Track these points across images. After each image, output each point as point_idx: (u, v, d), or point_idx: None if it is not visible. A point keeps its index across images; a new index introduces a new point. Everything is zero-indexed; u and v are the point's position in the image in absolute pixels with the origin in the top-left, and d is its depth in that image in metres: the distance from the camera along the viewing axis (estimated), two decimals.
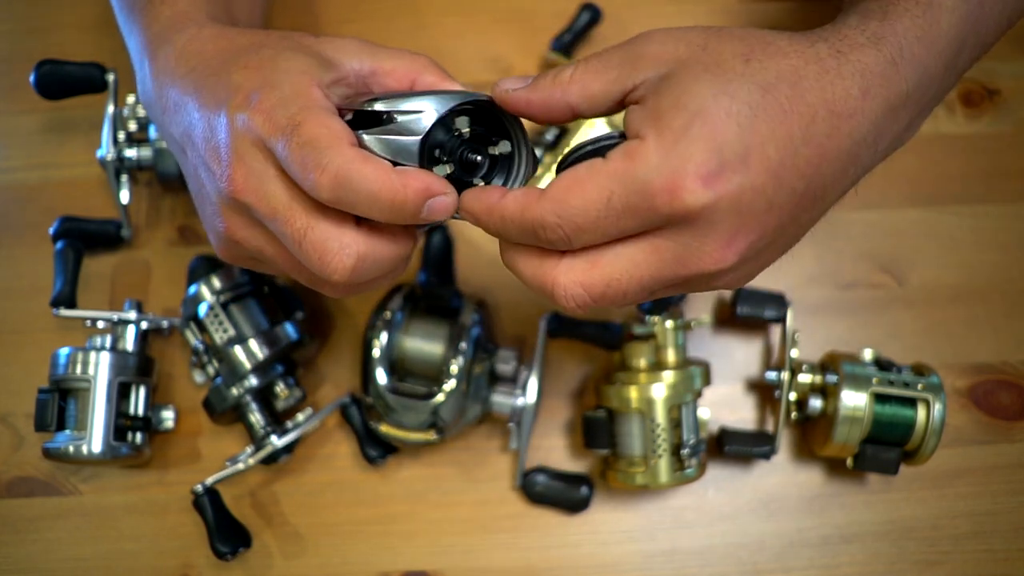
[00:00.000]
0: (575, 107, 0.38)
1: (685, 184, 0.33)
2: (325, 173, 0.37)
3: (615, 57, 0.38)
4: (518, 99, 0.39)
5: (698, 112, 0.34)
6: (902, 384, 0.57)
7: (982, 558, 0.61)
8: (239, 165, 0.39)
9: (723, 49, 0.36)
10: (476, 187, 0.41)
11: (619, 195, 0.34)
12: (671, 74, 0.36)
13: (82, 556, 0.62)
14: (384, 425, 0.59)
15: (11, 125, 0.70)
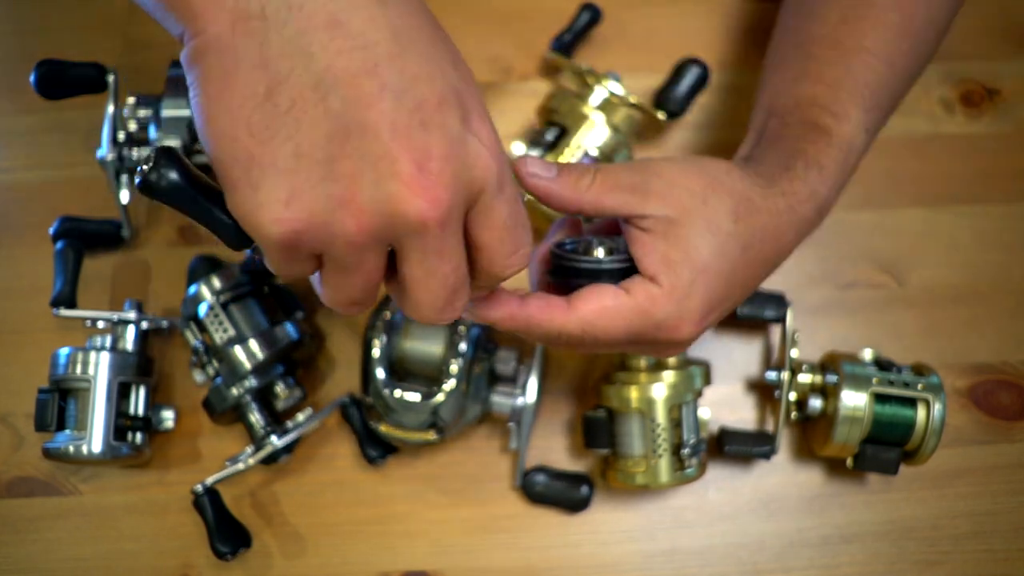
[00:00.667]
0: (584, 210, 0.45)
1: (685, 326, 0.44)
2: (526, 257, 0.38)
3: (626, 181, 0.44)
4: (539, 187, 0.44)
5: (702, 271, 0.43)
6: (902, 384, 0.57)
7: (982, 558, 0.61)
8: (452, 193, 0.32)
9: (719, 207, 0.44)
10: (485, 296, 0.43)
11: (637, 327, 0.43)
12: (679, 222, 0.44)
13: (82, 556, 0.62)
14: (384, 425, 0.59)
15: (11, 125, 0.70)
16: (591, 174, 0.44)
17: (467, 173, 0.33)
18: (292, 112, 0.31)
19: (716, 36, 0.70)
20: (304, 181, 0.31)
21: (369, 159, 0.31)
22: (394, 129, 0.31)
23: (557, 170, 0.44)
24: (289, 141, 0.31)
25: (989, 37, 0.70)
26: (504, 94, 0.69)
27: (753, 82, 0.69)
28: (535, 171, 0.44)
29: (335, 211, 0.32)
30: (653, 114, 0.64)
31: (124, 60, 0.67)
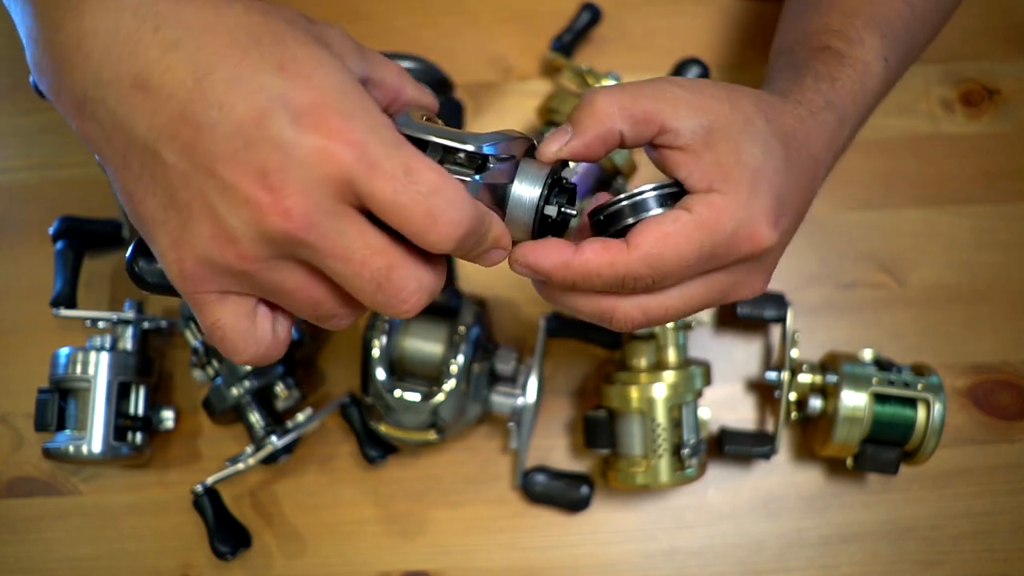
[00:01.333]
0: (623, 132, 0.40)
1: (761, 230, 0.40)
2: (459, 227, 0.34)
3: (644, 90, 0.40)
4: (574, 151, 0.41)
5: (758, 171, 0.40)
6: (902, 384, 0.57)
7: (982, 558, 0.61)
8: (303, 198, 0.32)
9: (747, 107, 0.41)
10: (533, 243, 0.40)
11: (708, 245, 0.39)
12: (717, 129, 0.40)
13: (82, 556, 0.62)
14: (384, 425, 0.59)
15: (11, 125, 0.70)
16: (598, 94, 0.40)
17: (312, 173, 0.32)
18: (144, 174, 0.34)
19: (716, 36, 0.70)
20: (177, 227, 0.34)
21: (217, 193, 0.33)
22: (224, 159, 0.32)
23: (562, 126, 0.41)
24: (154, 197, 0.34)
25: (989, 37, 0.70)
26: (504, 94, 0.69)
27: (752, 82, 0.69)
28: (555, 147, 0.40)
29: (211, 247, 0.34)
30: None
31: None
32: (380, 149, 0.33)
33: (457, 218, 0.34)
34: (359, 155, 0.32)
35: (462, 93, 0.67)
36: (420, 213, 0.33)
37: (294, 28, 0.35)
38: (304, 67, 0.33)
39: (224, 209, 0.33)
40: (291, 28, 0.35)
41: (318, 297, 0.36)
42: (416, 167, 0.33)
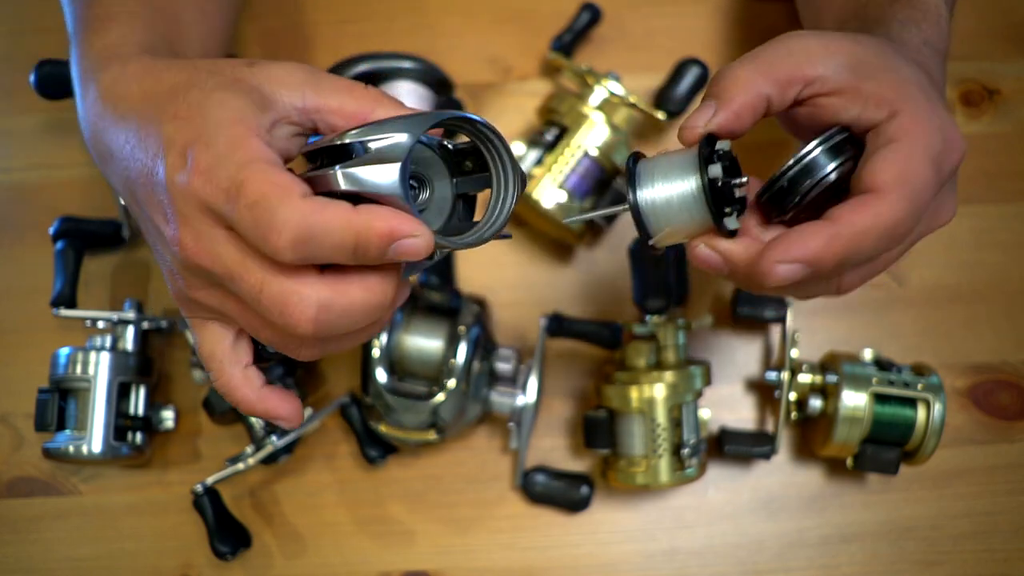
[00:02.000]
0: (771, 97, 0.40)
1: (957, 135, 0.39)
2: (283, 233, 0.34)
3: (776, 51, 0.40)
4: (725, 123, 0.40)
5: (920, 83, 0.40)
6: (902, 384, 0.57)
7: (982, 558, 0.61)
8: (186, 229, 0.37)
9: (868, 41, 0.41)
10: (786, 236, 0.37)
11: (936, 161, 0.38)
12: (862, 62, 0.40)
13: (82, 556, 0.62)
14: (384, 425, 0.59)
15: (11, 125, 0.70)
16: (738, 66, 0.40)
17: (187, 205, 0.37)
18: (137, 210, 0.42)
19: (716, 36, 0.70)
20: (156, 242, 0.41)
21: (154, 234, 0.41)
22: (148, 204, 0.39)
23: (706, 102, 0.40)
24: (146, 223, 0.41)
25: (989, 37, 0.70)
26: (504, 94, 0.69)
27: None
28: (701, 121, 0.40)
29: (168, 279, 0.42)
30: (653, 114, 0.64)
31: None
32: (223, 171, 0.35)
33: (281, 225, 0.34)
34: (206, 181, 0.36)
35: (462, 93, 0.67)
36: (249, 225, 0.35)
37: (213, 76, 0.39)
38: (193, 111, 0.37)
39: (160, 246, 0.40)
40: (210, 77, 0.39)
41: (255, 323, 0.39)
42: (247, 181, 0.35)
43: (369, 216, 0.35)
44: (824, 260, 0.37)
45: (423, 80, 0.65)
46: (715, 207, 0.38)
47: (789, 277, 0.37)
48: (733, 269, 0.40)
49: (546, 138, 0.63)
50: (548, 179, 0.61)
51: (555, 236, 0.65)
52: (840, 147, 0.40)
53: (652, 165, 0.40)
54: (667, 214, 0.39)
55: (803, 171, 0.39)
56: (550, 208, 0.61)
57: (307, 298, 0.36)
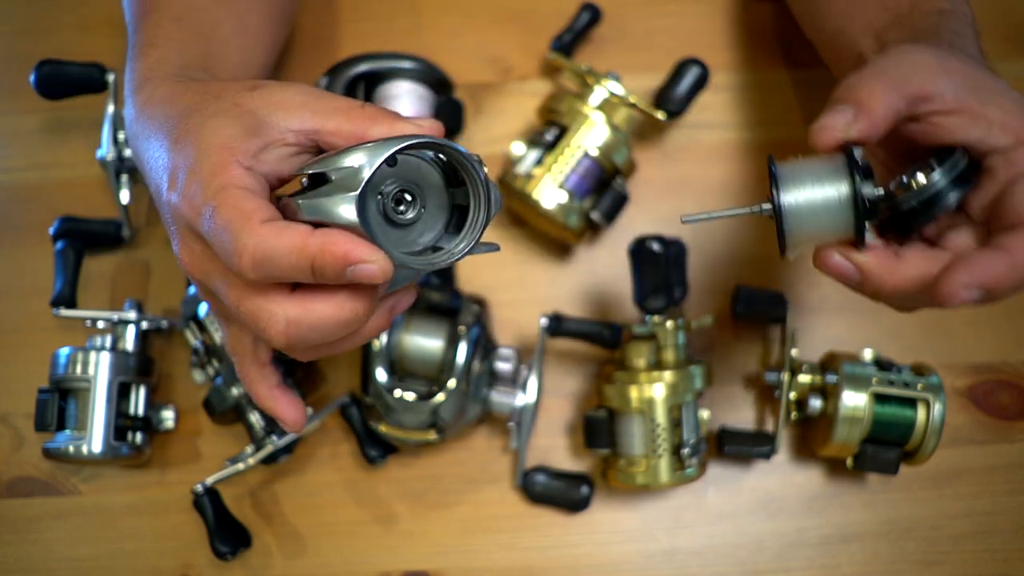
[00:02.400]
0: (901, 110, 0.41)
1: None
2: (243, 257, 0.37)
3: (901, 66, 0.42)
4: (868, 130, 0.40)
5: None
6: (902, 384, 0.57)
7: (982, 558, 0.61)
8: (182, 245, 0.42)
9: (968, 63, 0.43)
10: (971, 260, 0.39)
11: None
12: (978, 87, 0.42)
13: (82, 556, 0.62)
14: (384, 425, 0.59)
15: (11, 125, 0.70)
16: (887, 82, 0.41)
17: (179, 225, 0.41)
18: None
19: (716, 36, 0.70)
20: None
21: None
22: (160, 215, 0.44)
23: (859, 106, 0.41)
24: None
25: (989, 37, 0.69)
26: (504, 94, 0.69)
27: (753, 82, 0.69)
28: (837, 118, 0.40)
29: None
30: (653, 114, 0.64)
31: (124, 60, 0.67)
32: (201, 195, 0.39)
33: (241, 248, 0.37)
34: (189, 204, 0.39)
35: (462, 93, 0.67)
36: (218, 248, 0.38)
37: (216, 101, 0.42)
38: (189, 137, 0.41)
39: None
40: (213, 102, 0.42)
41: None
42: (218, 207, 0.38)
43: (324, 240, 0.37)
44: (1003, 286, 0.39)
45: (423, 80, 0.65)
46: (861, 220, 0.39)
47: (969, 300, 0.39)
48: (864, 280, 0.41)
49: (546, 138, 0.63)
50: (548, 179, 0.61)
51: (555, 236, 0.65)
52: (966, 174, 0.40)
53: (797, 169, 0.40)
54: (810, 220, 0.39)
55: (930, 200, 0.40)
56: (550, 208, 0.61)
57: (275, 314, 0.39)
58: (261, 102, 0.41)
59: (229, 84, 0.43)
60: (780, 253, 0.41)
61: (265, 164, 0.41)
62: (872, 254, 0.41)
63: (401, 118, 0.41)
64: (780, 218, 0.39)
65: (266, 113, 0.41)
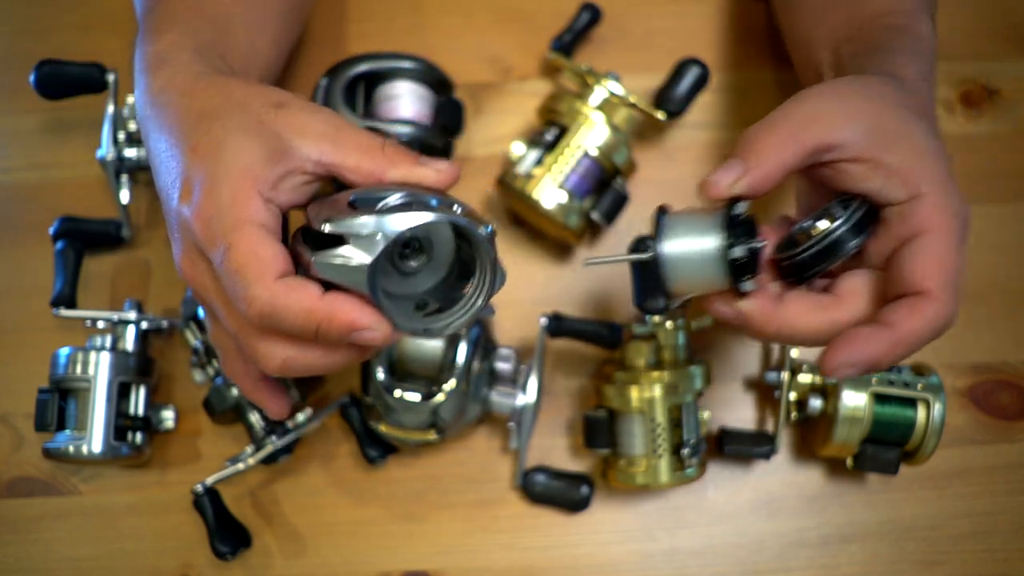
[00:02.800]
0: (795, 162, 0.41)
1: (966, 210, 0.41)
2: (251, 306, 0.38)
3: (795, 115, 0.42)
4: (756, 184, 0.41)
5: (936, 152, 0.42)
6: (902, 384, 0.57)
7: (982, 558, 0.61)
8: (184, 256, 0.42)
9: (884, 99, 0.43)
10: (851, 336, 0.40)
11: (962, 246, 0.40)
12: (884, 131, 0.41)
13: (82, 556, 0.62)
14: (384, 425, 0.59)
15: (11, 125, 0.70)
16: (780, 133, 0.42)
17: (185, 236, 0.41)
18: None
19: (716, 36, 0.70)
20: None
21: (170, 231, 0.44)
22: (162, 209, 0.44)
23: (749, 160, 0.41)
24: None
25: (989, 37, 0.70)
26: (504, 94, 0.69)
27: (753, 82, 0.69)
28: (726, 181, 0.41)
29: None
30: (653, 114, 0.64)
31: (124, 60, 0.67)
32: (219, 225, 0.39)
33: (252, 299, 0.38)
34: (204, 228, 0.39)
35: (462, 93, 0.67)
36: (228, 286, 0.39)
37: (239, 112, 0.41)
38: (210, 149, 0.40)
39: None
40: (236, 112, 0.41)
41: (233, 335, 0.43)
42: (234, 246, 0.38)
43: (332, 307, 0.38)
44: (882, 362, 0.40)
45: (423, 80, 0.65)
46: (735, 274, 0.40)
47: (850, 375, 0.41)
48: (747, 324, 0.42)
49: (546, 138, 0.63)
50: (548, 179, 0.61)
51: (555, 236, 0.65)
52: (861, 224, 0.41)
53: (678, 220, 0.41)
54: (688, 269, 0.41)
55: (826, 249, 0.41)
56: (550, 208, 0.61)
57: (272, 352, 0.40)
58: (285, 124, 0.41)
59: (253, 91, 0.43)
60: (665, 298, 0.43)
61: (282, 195, 0.41)
62: (755, 300, 0.42)
63: (419, 162, 0.42)
64: (659, 266, 0.41)
65: (289, 137, 0.41)
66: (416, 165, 0.42)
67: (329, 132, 0.41)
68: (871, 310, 0.42)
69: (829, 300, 0.42)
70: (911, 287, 0.40)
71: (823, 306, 0.42)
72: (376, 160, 0.41)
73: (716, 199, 0.41)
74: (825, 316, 0.41)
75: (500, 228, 0.67)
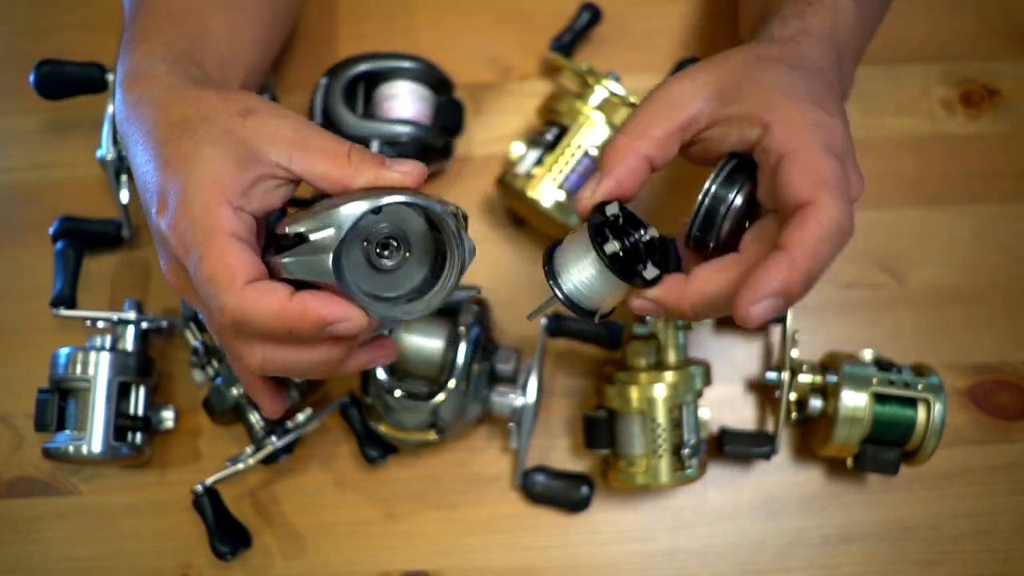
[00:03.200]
0: (652, 157, 0.43)
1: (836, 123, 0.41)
2: (224, 313, 0.39)
3: (647, 112, 0.43)
4: (608, 190, 0.42)
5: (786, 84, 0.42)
6: (902, 384, 0.57)
7: (982, 558, 0.61)
8: (168, 267, 0.44)
9: (731, 59, 0.44)
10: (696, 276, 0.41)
11: (839, 155, 0.40)
12: (725, 89, 0.42)
13: (82, 556, 0.62)
14: (384, 425, 0.59)
15: (11, 125, 0.70)
16: (630, 136, 0.42)
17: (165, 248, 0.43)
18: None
19: (716, 36, 0.70)
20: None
21: None
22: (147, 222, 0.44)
23: (600, 170, 0.43)
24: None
25: (989, 37, 0.70)
26: (504, 94, 0.69)
27: None
28: (585, 189, 0.43)
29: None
30: None
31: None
32: (191, 236, 0.40)
33: (222, 306, 0.39)
34: (178, 241, 0.40)
35: (462, 93, 0.67)
36: (201, 294, 0.40)
37: (207, 123, 0.42)
38: (181, 163, 0.41)
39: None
40: (203, 124, 0.42)
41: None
42: (204, 256, 0.39)
43: (302, 306, 0.39)
44: (793, 286, 0.38)
45: (423, 80, 0.65)
46: (625, 273, 0.41)
47: (767, 314, 0.38)
48: (664, 309, 0.42)
49: (546, 138, 0.63)
50: (548, 179, 0.61)
51: (555, 236, 0.65)
52: (732, 176, 0.41)
53: (563, 252, 0.43)
54: (595, 291, 0.42)
55: (708, 213, 0.42)
56: (549, 207, 0.61)
57: (252, 351, 0.41)
58: (252, 131, 0.42)
59: (220, 103, 0.43)
60: (590, 322, 0.44)
61: (254, 200, 0.42)
62: (662, 286, 0.42)
63: (385, 165, 0.42)
64: (572, 305, 0.42)
65: (258, 144, 0.42)
66: (382, 168, 0.42)
67: (297, 139, 0.42)
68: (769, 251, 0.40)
69: (730, 258, 0.41)
70: (791, 204, 0.39)
71: (724, 265, 0.41)
72: (342, 167, 0.42)
73: (584, 213, 0.43)
74: (727, 272, 0.41)
75: (500, 228, 0.67)
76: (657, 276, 0.41)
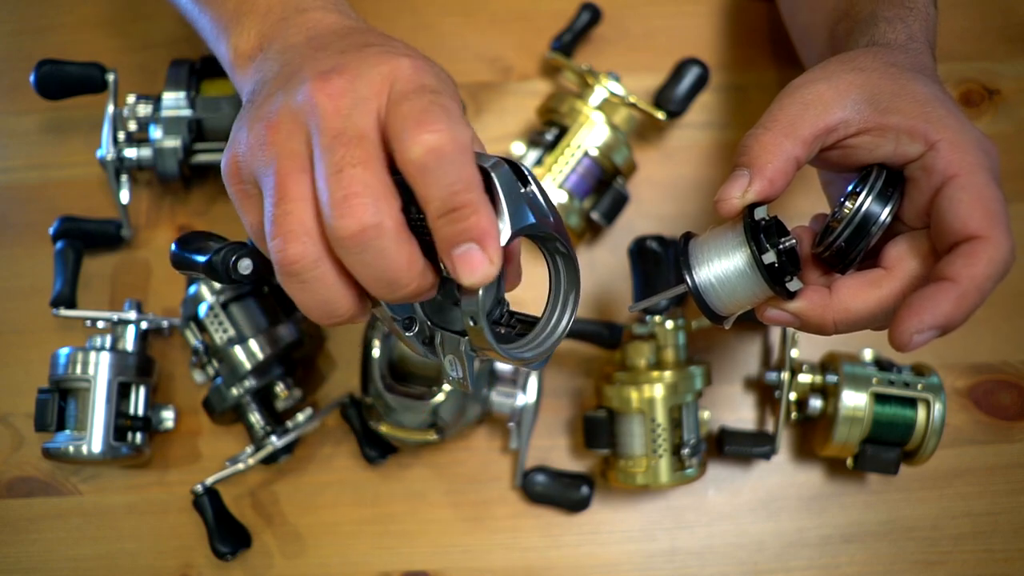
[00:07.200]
0: (799, 157, 0.40)
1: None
2: (358, 222, 0.33)
3: (791, 109, 0.41)
4: (762, 191, 0.40)
5: (940, 98, 0.41)
6: (902, 384, 0.57)
7: (982, 558, 0.61)
8: (340, 81, 0.36)
9: (870, 63, 0.42)
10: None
11: (995, 175, 0.39)
12: (877, 96, 0.40)
13: (82, 556, 0.62)
14: (384, 425, 0.59)
15: (11, 125, 0.70)
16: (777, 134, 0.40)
17: (370, 71, 0.35)
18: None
19: (716, 36, 0.70)
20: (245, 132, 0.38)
21: (289, 89, 0.37)
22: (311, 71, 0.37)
23: (751, 167, 0.40)
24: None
25: (989, 37, 0.70)
26: (504, 94, 0.69)
27: (753, 82, 0.69)
28: (733, 186, 0.40)
29: (255, 128, 0.37)
30: (653, 114, 0.64)
31: (124, 60, 0.67)
32: (431, 80, 0.37)
33: (371, 227, 0.33)
34: (415, 75, 0.36)
35: (462, 93, 0.67)
36: (333, 185, 0.33)
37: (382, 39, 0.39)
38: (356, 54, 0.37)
39: (284, 95, 0.38)
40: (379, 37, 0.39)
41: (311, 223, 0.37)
42: (362, 145, 0.34)
43: (426, 270, 0.35)
44: (956, 320, 0.37)
45: None
46: (774, 281, 0.39)
47: (925, 343, 0.37)
48: (804, 324, 0.41)
49: (546, 138, 0.63)
50: (548, 179, 0.61)
51: None
52: (885, 191, 0.40)
53: (703, 244, 0.41)
54: (727, 290, 0.40)
55: (859, 229, 0.40)
56: None
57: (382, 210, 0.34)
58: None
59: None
60: (713, 323, 0.42)
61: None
62: (804, 298, 0.40)
63: None
64: (699, 297, 0.41)
65: None
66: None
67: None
68: (923, 270, 0.40)
69: (878, 273, 0.40)
70: (959, 235, 0.38)
71: (873, 281, 0.40)
72: None
73: (731, 215, 0.41)
74: (878, 290, 0.39)
75: None
76: (799, 288, 0.40)
